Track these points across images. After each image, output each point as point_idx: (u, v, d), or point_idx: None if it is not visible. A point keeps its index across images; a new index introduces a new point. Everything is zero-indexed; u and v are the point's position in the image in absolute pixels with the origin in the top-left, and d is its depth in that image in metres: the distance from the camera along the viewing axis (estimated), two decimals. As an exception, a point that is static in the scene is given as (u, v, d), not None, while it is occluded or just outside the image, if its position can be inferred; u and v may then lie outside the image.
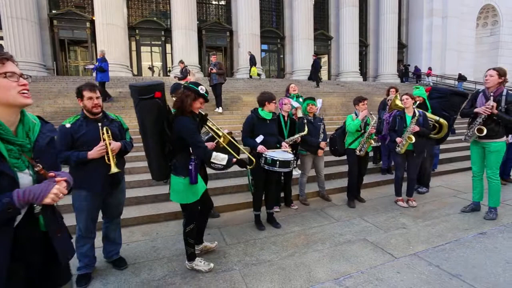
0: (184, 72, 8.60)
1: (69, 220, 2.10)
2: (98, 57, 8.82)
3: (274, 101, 3.29)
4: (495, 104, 3.22)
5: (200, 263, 2.54)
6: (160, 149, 2.35)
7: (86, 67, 8.42)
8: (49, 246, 1.17)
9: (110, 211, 2.57)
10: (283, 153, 3.19)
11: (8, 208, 0.98)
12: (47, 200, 1.03)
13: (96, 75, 8.54)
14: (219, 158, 2.31)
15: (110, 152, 2.28)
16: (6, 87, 1.05)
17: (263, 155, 3.12)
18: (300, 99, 5.00)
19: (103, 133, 2.32)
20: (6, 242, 1.03)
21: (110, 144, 2.31)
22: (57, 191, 1.05)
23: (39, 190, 1.02)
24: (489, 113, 3.24)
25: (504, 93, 3.29)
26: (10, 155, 1.04)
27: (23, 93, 1.09)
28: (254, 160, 2.65)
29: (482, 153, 3.58)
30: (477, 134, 3.37)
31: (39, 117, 1.26)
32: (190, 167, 2.35)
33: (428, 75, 19.02)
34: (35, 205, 1.09)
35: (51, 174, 1.10)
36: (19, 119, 1.13)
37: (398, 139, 3.92)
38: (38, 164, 1.11)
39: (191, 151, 2.38)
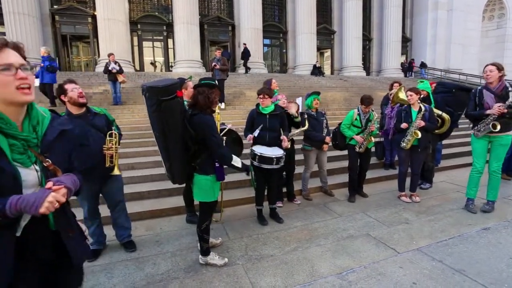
0: (120, 67, 8.17)
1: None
2: (42, 55, 7.13)
3: (260, 96, 3.26)
4: (505, 105, 3.24)
5: (215, 258, 2.56)
6: (183, 152, 2.29)
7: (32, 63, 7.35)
8: (62, 246, 1.11)
9: (110, 199, 2.78)
10: (270, 149, 3.20)
11: None
12: (42, 210, 0.92)
13: (42, 76, 6.97)
14: (237, 160, 2.39)
15: (115, 155, 2.50)
16: (0, 83, 0.92)
17: (250, 149, 3.17)
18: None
19: (110, 140, 2.49)
20: (8, 245, 0.96)
21: (117, 148, 2.51)
22: (53, 199, 0.94)
23: (32, 200, 0.92)
24: (502, 113, 3.25)
25: (507, 85, 3.32)
26: (13, 150, 0.97)
27: (22, 88, 0.95)
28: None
29: (487, 147, 3.56)
30: (492, 129, 3.33)
31: (52, 110, 1.18)
32: (217, 164, 2.35)
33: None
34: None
35: (49, 184, 0.99)
36: (26, 113, 1.04)
37: (403, 125, 3.86)
38: (47, 160, 1.04)
39: None
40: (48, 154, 1.06)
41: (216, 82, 2.40)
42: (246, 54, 14.62)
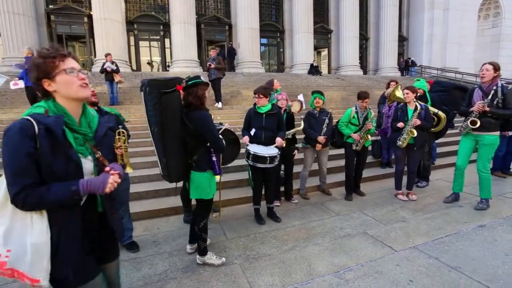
0: (117, 67, 8.16)
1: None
2: (26, 55, 6.93)
3: (255, 95, 3.27)
4: (486, 103, 3.34)
5: (212, 257, 2.56)
6: (182, 147, 2.33)
7: (15, 64, 7.02)
8: (105, 226, 1.35)
9: (117, 199, 2.70)
10: (264, 148, 3.20)
11: (75, 194, 1.13)
12: (106, 190, 1.19)
13: (27, 79, 6.47)
14: None
15: (125, 154, 2.42)
16: (68, 82, 1.17)
17: (245, 148, 3.19)
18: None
19: (118, 138, 2.41)
20: (77, 219, 1.21)
21: (126, 146, 2.43)
22: (113, 180, 1.21)
23: (99, 182, 1.17)
24: (481, 111, 3.35)
25: (499, 85, 3.37)
26: (77, 143, 1.19)
27: (83, 86, 1.20)
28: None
29: (473, 146, 3.66)
30: (470, 126, 3.45)
31: (98, 108, 1.40)
32: (213, 159, 2.38)
33: None
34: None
35: (107, 168, 1.23)
36: (82, 111, 1.26)
37: (400, 124, 3.89)
38: (98, 152, 1.27)
39: (208, 144, 2.40)
40: (99, 148, 1.28)
41: (203, 79, 2.43)
42: (230, 54, 14.65)
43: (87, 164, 1.22)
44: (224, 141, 2.39)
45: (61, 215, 1.16)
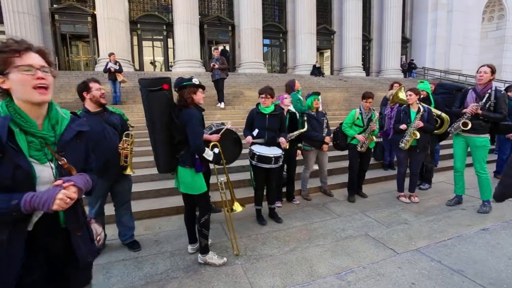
0: (120, 67, 8.22)
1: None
2: None
3: (262, 95, 3.28)
4: (479, 106, 3.38)
5: (214, 257, 2.57)
6: (168, 140, 2.42)
7: None
8: (71, 243, 1.16)
9: (119, 198, 2.82)
10: (269, 149, 3.21)
11: (14, 211, 0.96)
12: (54, 207, 0.99)
13: None
14: (208, 154, 2.46)
15: (130, 156, 2.59)
16: (21, 81, 1.00)
17: (249, 148, 3.20)
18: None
19: (125, 140, 2.57)
20: (20, 238, 1.03)
21: (132, 148, 2.60)
22: (63, 196, 1.01)
23: (44, 198, 0.98)
24: (474, 113, 3.40)
25: (493, 88, 3.41)
26: (31, 147, 1.04)
27: (39, 87, 1.02)
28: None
29: (466, 146, 3.69)
30: (461, 128, 3.50)
31: (74, 113, 1.26)
32: (196, 156, 2.43)
33: None
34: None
35: (58, 182, 1.05)
36: (46, 112, 1.12)
37: (403, 126, 3.88)
38: (62, 158, 1.11)
39: None
40: (64, 153, 1.12)
41: (194, 81, 2.49)
42: (224, 56, 14.65)
43: (44, 172, 1.06)
44: (202, 143, 2.42)
45: (3, 232, 1.00)
